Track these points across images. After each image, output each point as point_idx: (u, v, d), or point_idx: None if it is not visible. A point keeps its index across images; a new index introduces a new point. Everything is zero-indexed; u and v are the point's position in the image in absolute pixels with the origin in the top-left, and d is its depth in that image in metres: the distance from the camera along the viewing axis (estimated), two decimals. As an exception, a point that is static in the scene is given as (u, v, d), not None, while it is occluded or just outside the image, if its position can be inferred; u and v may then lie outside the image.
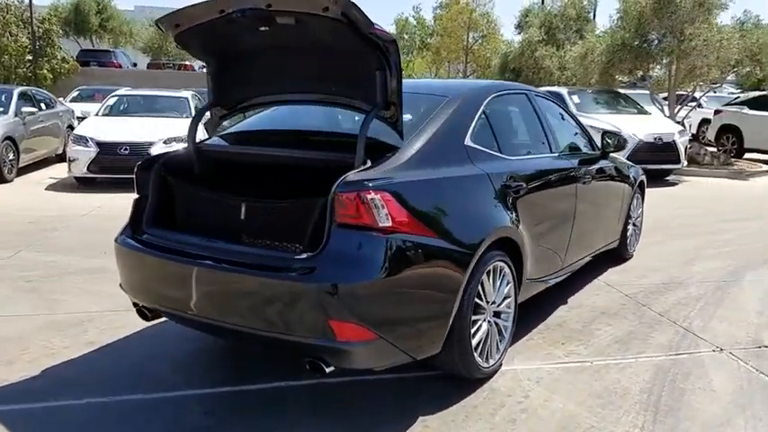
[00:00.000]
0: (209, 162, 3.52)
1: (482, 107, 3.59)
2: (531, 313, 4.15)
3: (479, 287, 3.14)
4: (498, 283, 3.34)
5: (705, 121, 16.85)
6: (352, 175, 2.72)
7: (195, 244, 3.04)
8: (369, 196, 2.65)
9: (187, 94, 12.33)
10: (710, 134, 15.55)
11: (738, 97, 15.97)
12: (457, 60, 31.17)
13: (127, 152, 9.79)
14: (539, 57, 19.45)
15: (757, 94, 15.32)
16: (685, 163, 11.84)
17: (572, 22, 20.41)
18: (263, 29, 3.04)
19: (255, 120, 3.95)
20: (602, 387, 3.32)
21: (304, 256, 2.71)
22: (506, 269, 3.40)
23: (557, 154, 4.28)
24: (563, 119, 4.80)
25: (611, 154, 5.17)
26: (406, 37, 35.65)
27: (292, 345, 2.79)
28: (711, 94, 17.62)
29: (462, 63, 30.09)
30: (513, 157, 3.72)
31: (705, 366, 3.59)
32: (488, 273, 3.21)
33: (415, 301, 2.83)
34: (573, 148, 4.66)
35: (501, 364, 3.44)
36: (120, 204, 8.47)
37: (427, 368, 3.25)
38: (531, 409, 3.07)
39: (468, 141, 3.37)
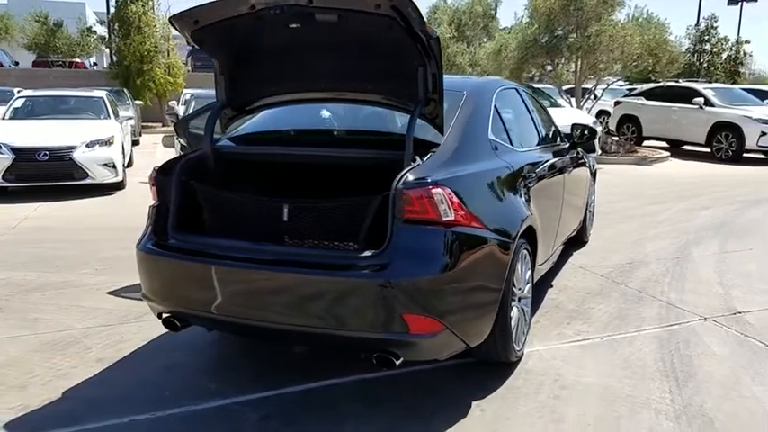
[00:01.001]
0: (233, 164, 3.43)
1: (493, 101, 3.73)
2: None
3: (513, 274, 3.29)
4: (523, 269, 3.50)
5: (602, 113, 18.05)
6: (412, 172, 2.76)
7: (240, 247, 2.97)
8: (434, 191, 2.71)
9: (101, 93, 11.65)
10: (612, 124, 16.73)
11: (635, 89, 17.28)
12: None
13: (46, 158, 9.07)
14: (451, 53, 20.04)
15: (653, 85, 16.66)
16: (600, 152, 12.70)
17: (479, 19, 21.19)
18: (293, 26, 3.02)
19: (267, 120, 3.87)
20: (621, 359, 3.58)
21: (369, 253, 2.73)
22: (528, 256, 3.57)
23: (548, 145, 4.53)
24: (542, 111, 5.06)
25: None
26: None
27: (358, 341, 2.80)
28: (604, 86, 18.91)
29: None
30: (520, 149, 3.90)
31: (698, 334, 3.95)
32: (519, 259, 3.36)
33: (473, 290, 2.93)
34: (552, 140, 4.93)
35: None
36: (50, 214, 8.00)
37: (458, 357, 3.35)
38: (569, 386, 3.26)
39: (490, 135, 3.50)
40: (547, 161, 4.30)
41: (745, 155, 13.82)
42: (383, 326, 2.68)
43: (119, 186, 9.42)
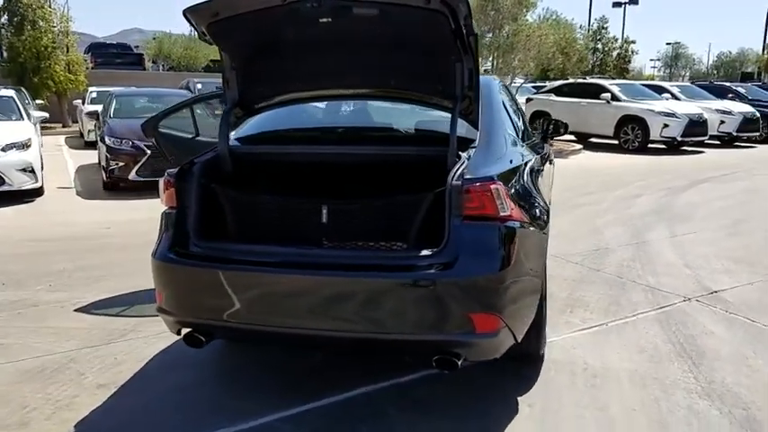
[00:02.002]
0: (252, 166, 3.21)
1: (500, 97, 3.75)
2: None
3: (541, 266, 3.31)
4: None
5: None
6: (467, 168, 2.70)
7: (280, 253, 2.78)
8: (493, 187, 2.66)
9: (10, 92, 10.63)
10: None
11: (546, 85, 18.08)
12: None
13: (-41, 163, 8.17)
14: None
15: (562, 82, 17.51)
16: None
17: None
18: (324, 20, 2.87)
19: (276, 120, 3.65)
20: (634, 344, 3.71)
21: (427, 252, 2.63)
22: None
23: (535, 139, 4.61)
24: (518, 106, 5.15)
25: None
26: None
27: (419, 344, 2.71)
28: (517, 85, 19.70)
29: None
30: (522, 143, 3.94)
31: (690, 314, 4.17)
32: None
33: (525, 283, 2.91)
34: (530, 133, 5.03)
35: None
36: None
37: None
38: (599, 374, 3.34)
39: (508, 130, 3.51)
40: (540, 153, 4.38)
41: (649, 145, 14.84)
42: (449, 327, 2.60)
43: (38, 192, 8.62)
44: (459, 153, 2.85)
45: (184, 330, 3.00)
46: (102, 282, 4.97)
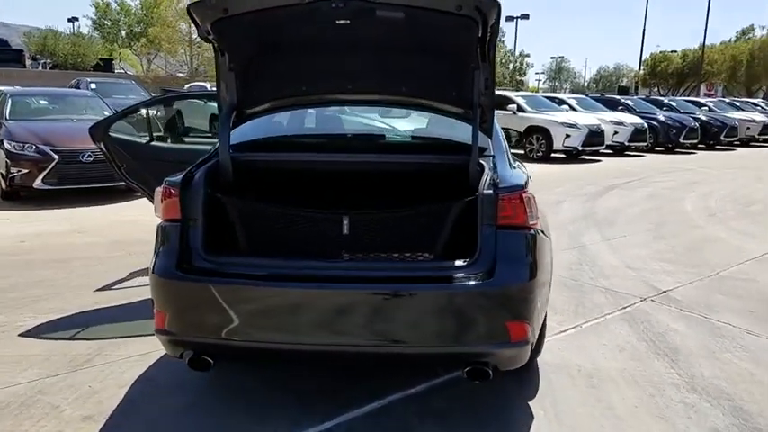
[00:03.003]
0: (255, 175, 3.05)
1: None
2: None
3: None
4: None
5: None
6: (497, 177, 2.72)
7: (301, 266, 2.66)
8: (525, 196, 2.71)
9: None
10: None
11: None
12: (175, 53, 29.55)
13: None
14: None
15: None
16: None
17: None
18: (342, 21, 2.80)
19: (268, 126, 3.49)
20: (613, 344, 3.90)
21: (461, 262, 2.62)
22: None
23: None
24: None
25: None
26: (108, 24, 32.29)
27: (451, 356, 2.69)
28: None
29: (187, 56, 28.70)
30: None
31: (651, 313, 4.45)
32: None
33: (545, 291, 2.97)
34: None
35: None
36: None
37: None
38: (592, 373, 3.48)
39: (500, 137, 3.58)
40: None
41: (552, 155, 15.69)
42: (487, 337, 2.60)
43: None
44: (480, 161, 2.88)
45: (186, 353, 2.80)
46: (41, 302, 4.53)
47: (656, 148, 18.62)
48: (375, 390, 3.17)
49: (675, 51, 46.38)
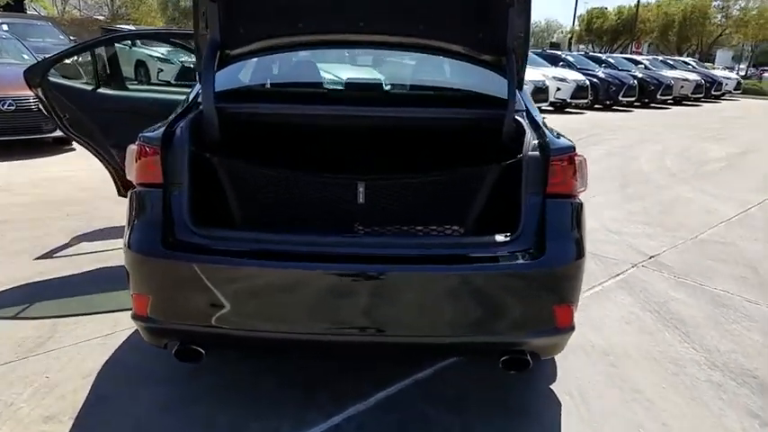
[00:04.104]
0: (251, 130, 2.54)
1: None
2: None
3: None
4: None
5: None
6: (546, 137, 2.35)
7: (315, 242, 2.24)
8: (578, 160, 2.36)
9: None
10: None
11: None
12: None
13: None
14: None
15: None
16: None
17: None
18: None
19: (256, 71, 2.95)
20: (618, 316, 3.70)
21: (502, 237, 2.26)
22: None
23: None
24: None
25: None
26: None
27: (489, 346, 2.35)
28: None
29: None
30: None
31: (647, 281, 4.29)
32: None
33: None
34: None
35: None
36: None
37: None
38: (609, 351, 3.26)
39: None
40: None
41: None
42: (531, 324, 2.28)
43: None
44: (516, 118, 2.50)
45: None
46: (-34, 273, 3.88)
47: (595, 106, 18.76)
48: (381, 376, 2.82)
49: (606, 8, 47.06)
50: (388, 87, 3.12)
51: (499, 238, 2.26)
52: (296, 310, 2.20)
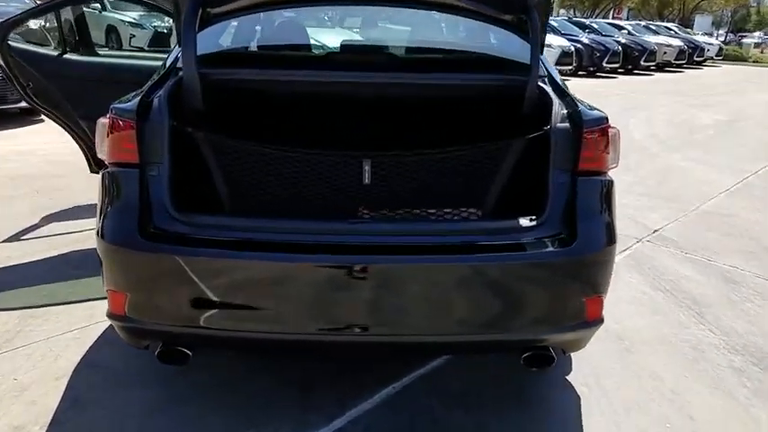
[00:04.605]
0: (239, 100, 2.24)
1: None
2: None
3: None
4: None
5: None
6: (577, 107, 2.09)
7: (314, 230, 1.97)
8: (611, 132, 2.11)
9: None
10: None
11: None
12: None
13: None
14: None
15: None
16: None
17: None
18: None
19: (240, 33, 2.63)
20: (628, 296, 3.51)
21: (527, 221, 2.02)
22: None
23: None
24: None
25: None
26: None
27: (510, 343, 2.13)
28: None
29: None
30: None
31: (654, 257, 4.10)
32: None
33: None
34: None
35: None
36: None
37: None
38: (623, 335, 3.07)
39: None
40: None
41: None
42: (560, 318, 2.06)
43: None
44: (540, 85, 2.24)
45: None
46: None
47: (579, 72, 18.49)
48: (383, 373, 2.60)
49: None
50: (393, 50, 2.82)
51: (524, 222, 2.02)
52: (295, 308, 1.95)
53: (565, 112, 2.09)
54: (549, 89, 2.22)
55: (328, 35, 3.27)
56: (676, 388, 2.67)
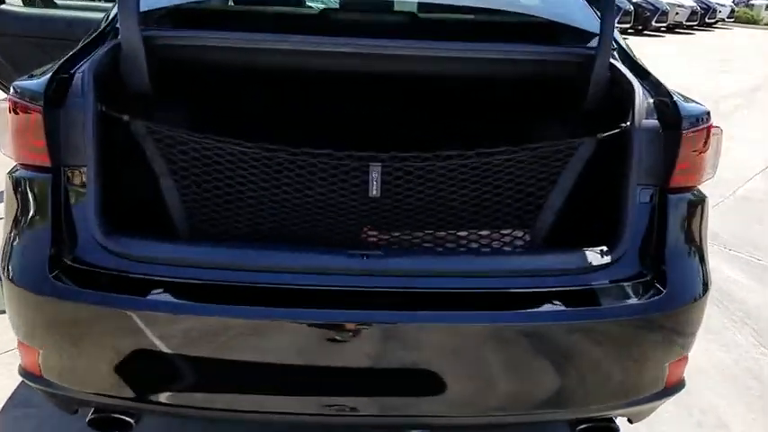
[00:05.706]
0: (197, 76, 1.65)
1: None
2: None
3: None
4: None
5: None
6: (668, 97, 1.52)
7: (307, 265, 1.41)
8: (713, 131, 1.55)
9: None
10: None
11: None
12: None
13: None
14: None
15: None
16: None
17: None
18: None
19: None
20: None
21: (601, 257, 1.45)
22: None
23: None
24: None
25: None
26: None
27: (563, 422, 1.60)
28: None
29: None
30: None
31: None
32: None
33: None
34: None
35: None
36: None
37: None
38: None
39: None
40: None
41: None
42: (634, 389, 1.51)
43: None
44: (613, 63, 1.66)
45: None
46: None
47: (589, 32, 17.65)
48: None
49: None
50: (412, 8, 2.18)
51: (594, 257, 1.45)
52: (274, 380, 1.41)
53: (651, 102, 1.52)
54: (623, 68, 1.63)
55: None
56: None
